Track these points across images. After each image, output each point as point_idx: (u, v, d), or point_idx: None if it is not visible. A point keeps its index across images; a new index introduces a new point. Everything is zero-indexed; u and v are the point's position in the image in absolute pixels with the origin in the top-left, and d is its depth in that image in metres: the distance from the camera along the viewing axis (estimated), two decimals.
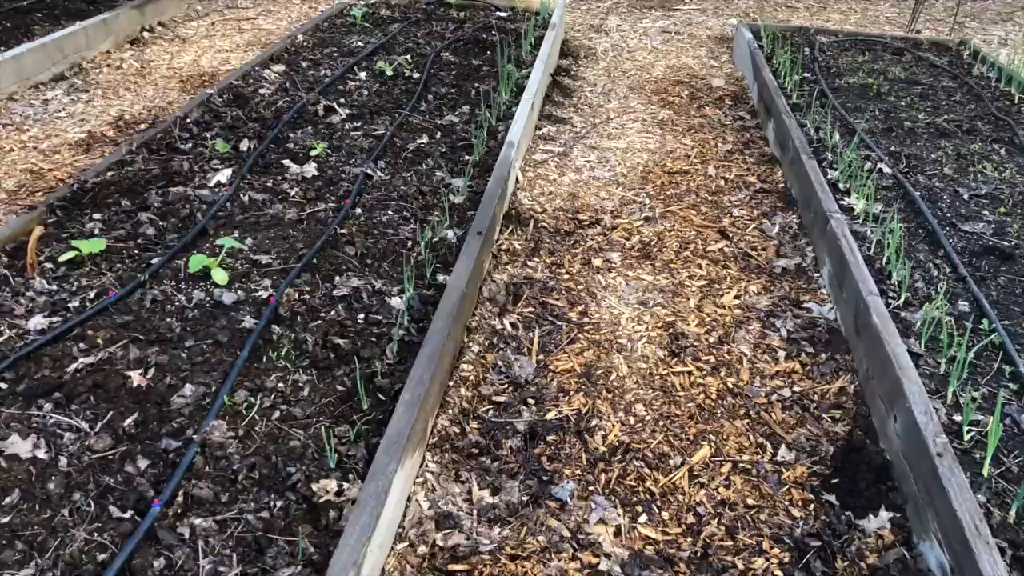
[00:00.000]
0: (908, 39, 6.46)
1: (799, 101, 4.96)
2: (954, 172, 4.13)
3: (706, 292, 3.41)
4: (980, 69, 5.79)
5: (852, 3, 8.57)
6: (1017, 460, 2.33)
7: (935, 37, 6.64)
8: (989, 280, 3.22)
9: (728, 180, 4.36)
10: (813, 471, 2.54)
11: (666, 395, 2.84)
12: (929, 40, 6.45)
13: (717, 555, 2.26)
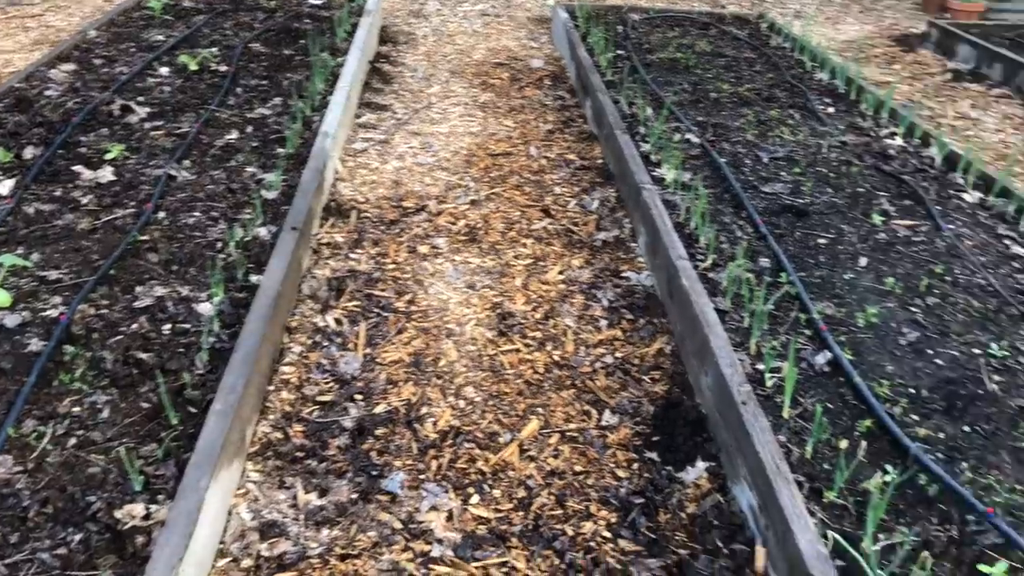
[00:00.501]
0: (714, 14, 6.80)
1: (613, 78, 5.10)
2: (755, 138, 4.37)
3: (532, 270, 3.45)
4: (777, 40, 6.17)
5: None
6: (812, 400, 2.50)
7: (738, 11, 7.02)
8: (787, 236, 3.43)
9: (550, 159, 4.44)
10: (636, 431, 2.63)
11: (495, 375, 2.86)
12: (732, 14, 6.81)
13: (548, 525, 2.30)
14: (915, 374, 2.63)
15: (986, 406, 2.48)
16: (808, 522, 1.99)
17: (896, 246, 3.37)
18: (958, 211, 3.69)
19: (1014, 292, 3.08)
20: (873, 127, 4.57)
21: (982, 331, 2.85)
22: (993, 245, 3.42)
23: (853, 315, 2.90)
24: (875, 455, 2.31)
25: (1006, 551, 2.01)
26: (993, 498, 2.16)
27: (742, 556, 2.17)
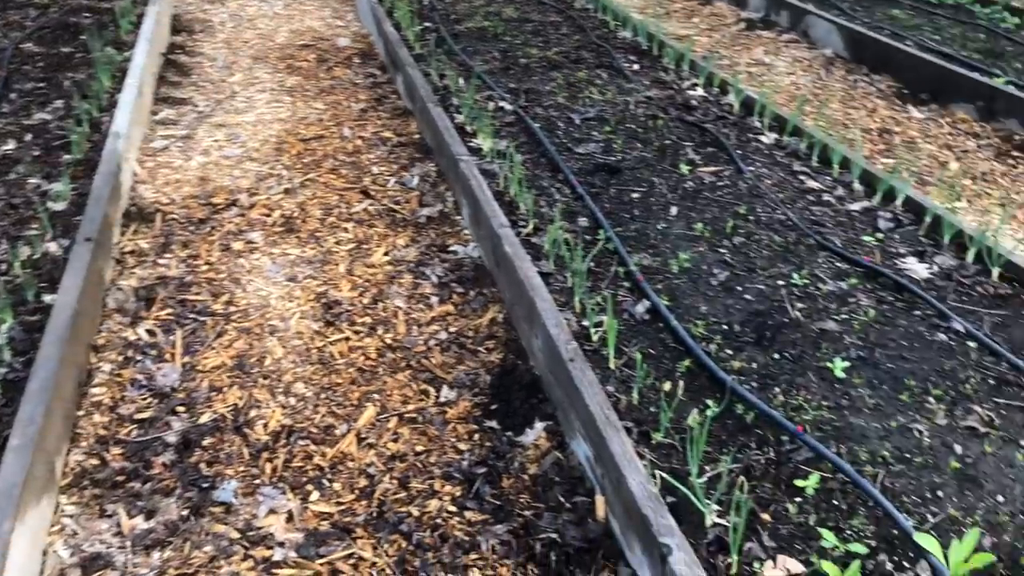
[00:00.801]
0: None
1: (422, 51, 5.05)
2: (566, 100, 4.46)
3: (355, 255, 3.38)
4: (581, 2, 6.29)
5: None
6: (636, 348, 2.59)
7: None
8: (603, 194, 3.53)
9: (365, 139, 4.34)
10: (475, 403, 2.63)
11: (325, 367, 2.78)
12: None
13: (392, 509, 2.27)
14: (727, 311, 2.77)
15: (791, 332, 2.65)
16: (638, 465, 2.06)
17: (703, 192, 3.53)
18: (757, 153, 3.91)
19: (810, 224, 3.31)
20: (676, 80, 4.77)
21: (784, 263, 3.04)
22: (790, 182, 3.65)
23: (667, 263, 3.02)
24: (697, 392, 2.42)
25: (818, 463, 2.17)
26: (803, 416, 2.32)
27: (584, 507, 2.23)
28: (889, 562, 1.92)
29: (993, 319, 2.74)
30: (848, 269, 2.99)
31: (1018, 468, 2.17)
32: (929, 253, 3.09)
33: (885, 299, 2.83)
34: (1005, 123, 4.59)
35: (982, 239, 2.96)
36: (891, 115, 4.82)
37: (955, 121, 4.75)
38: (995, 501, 2.08)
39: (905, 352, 2.57)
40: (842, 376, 2.47)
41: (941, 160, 4.30)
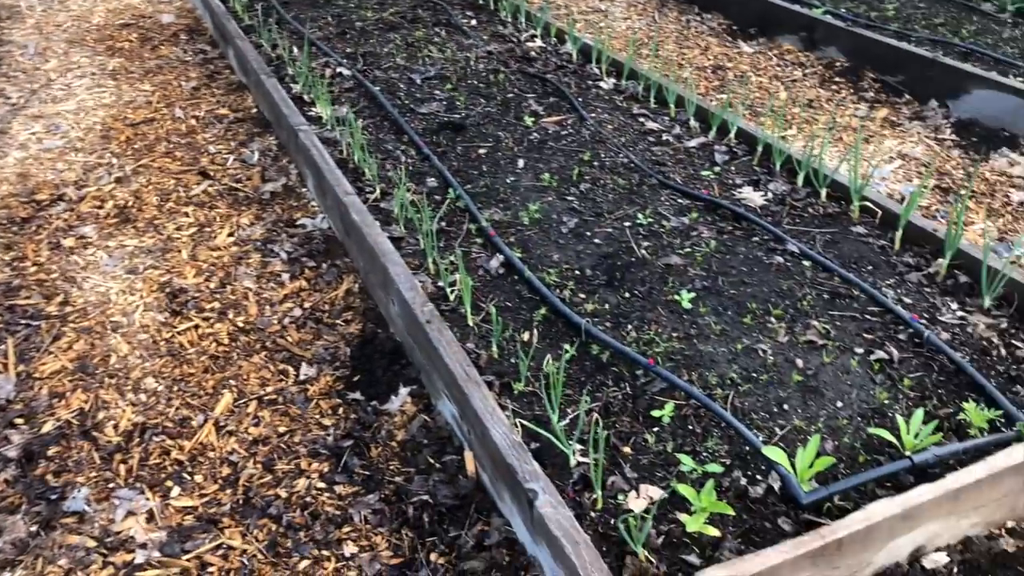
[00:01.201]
0: None
1: (252, 22, 4.84)
2: (406, 61, 4.38)
3: (198, 239, 3.23)
4: None
5: None
6: (494, 301, 2.61)
7: None
8: (449, 152, 3.50)
9: (199, 118, 4.14)
10: (337, 376, 2.59)
11: (175, 358, 2.66)
12: None
13: (259, 494, 2.21)
14: (578, 257, 2.82)
15: (639, 271, 2.73)
16: (501, 416, 2.08)
17: (548, 143, 3.56)
18: (597, 99, 3.98)
19: (652, 164, 3.40)
20: (514, 32, 4.77)
21: (630, 205, 3.11)
22: (630, 125, 3.73)
23: (518, 215, 3.04)
24: (555, 338, 2.46)
25: (672, 393, 2.25)
26: (655, 349, 2.40)
27: (454, 465, 2.24)
28: (744, 477, 2.02)
29: (824, 237, 2.91)
30: (689, 204, 3.10)
31: (853, 374, 2.32)
32: (763, 181, 3.24)
33: (725, 229, 2.95)
34: (826, 51, 4.85)
35: (809, 162, 3.13)
36: (723, 51, 4.99)
37: (782, 53, 4.97)
38: (835, 407, 2.22)
39: (746, 277, 2.69)
40: (689, 307, 2.56)
41: (771, 91, 4.50)
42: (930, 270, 2.72)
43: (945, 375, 2.32)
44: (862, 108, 4.28)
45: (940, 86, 4.22)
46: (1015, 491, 2.00)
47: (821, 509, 1.92)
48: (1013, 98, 3.90)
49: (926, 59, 4.27)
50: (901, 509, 1.83)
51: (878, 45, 4.54)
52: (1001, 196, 3.49)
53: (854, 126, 4.10)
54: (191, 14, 5.54)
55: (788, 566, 1.73)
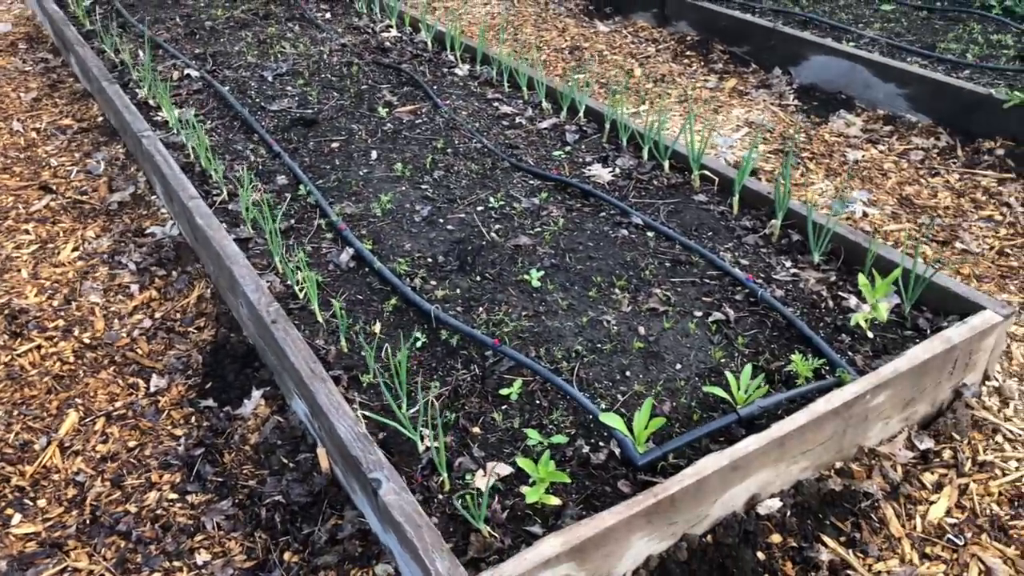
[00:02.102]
0: None
1: (94, 27, 4.64)
2: (257, 58, 4.29)
3: (39, 256, 3.10)
4: None
5: None
6: (344, 295, 2.60)
7: None
8: (301, 148, 3.46)
9: (40, 130, 3.96)
10: (189, 385, 2.54)
11: (15, 381, 2.56)
12: None
13: (107, 512, 2.15)
14: (431, 244, 2.84)
15: (490, 253, 2.77)
16: (346, 410, 2.08)
17: (402, 132, 3.56)
18: (453, 86, 3.99)
19: (505, 147, 3.44)
20: (369, 24, 4.73)
21: (482, 189, 3.15)
22: (485, 110, 3.77)
23: (370, 207, 3.03)
24: (407, 326, 2.47)
25: (520, 370, 2.30)
26: (503, 329, 2.44)
27: (307, 464, 2.23)
28: (587, 445, 2.09)
29: (668, 207, 3.01)
30: (540, 185, 3.15)
31: (692, 336, 2.42)
32: (611, 157, 3.32)
33: (574, 207, 3.01)
34: (678, 26, 4.99)
35: (651, 135, 3.22)
36: (580, 32, 5.08)
37: (637, 30, 5.09)
38: (674, 370, 2.31)
39: (592, 252, 2.76)
40: (538, 285, 2.61)
41: (626, 68, 4.61)
42: (766, 231, 2.86)
43: (778, 330, 2.44)
44: (712, 80, 4.43)
45: (782, 55, 4.41)
46: (839, 433, 2.13)
47: (657, 469, 2.00)
48: (846, 62, 4.11)
49: (767, 28, 4.45)
50: (729, 461, 1.93)
51: (724, 17, 4.71)
52: (839, 156, 3.68)
53: (705, 98, 4.25)
54: (30, 22, 5.28)
55: (623, 526, 1.80)
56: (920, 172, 3.51)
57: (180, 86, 3.99)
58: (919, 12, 4.89)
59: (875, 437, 2.24)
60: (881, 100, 4.00)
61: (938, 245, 3.08)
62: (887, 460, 2.21)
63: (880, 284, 2.34)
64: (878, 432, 2.24)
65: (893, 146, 3.71)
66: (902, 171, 3.52)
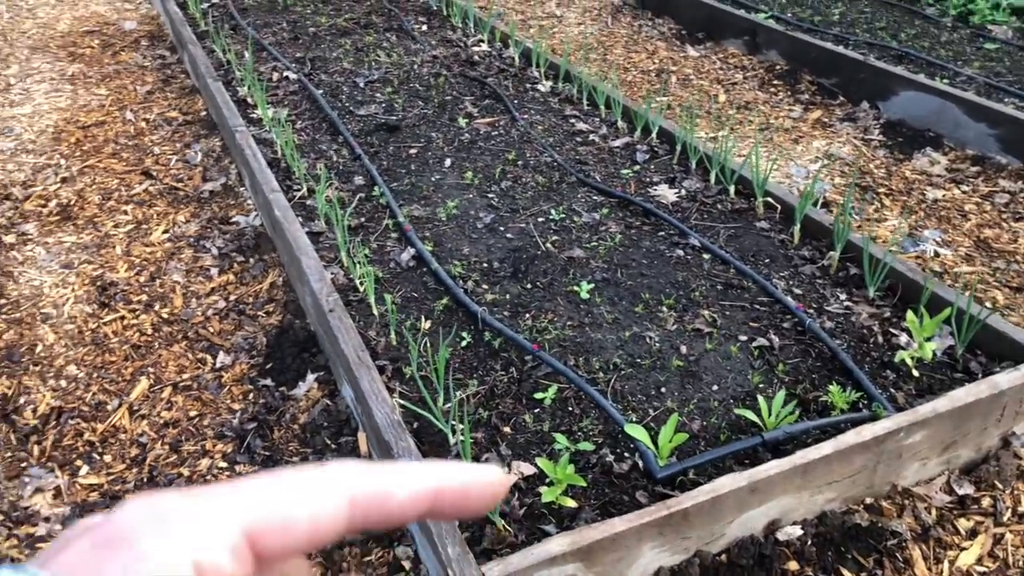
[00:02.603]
0: None
1: (208, 28, 4.97)
2: (353, 65, 4.51)
3: (134, 236, 3.35)
4: None
5: None
6: (400, 292, 2.72)
7: None
8: (381, 152, 3.62)
9: (149, 120, 4.27)
10: (251, 364, 2.71)
11: (98, 347, 2.79)
12: None
13: (163, 472, 2.33)
14: (488, 250, 2.94)
15: (543, 263, 2.85)
16: (385, 397, 2.19)
17: (478, 143, 3.68)
18: (533, 101, 4.10)
19: (575, 163, 3.52)
20: (462, 38, 4.89)
21: (546, 201, 3.23)
22: (560, 126, 3.86)
23: (436, 211, 3.16)
24: (455, 326, 2.58)
25: (556, 377, 2.36)
26: (546, 336, 2.51)
27: (348, 446, 2.35)
28: (611, 454, 2.13)
29: (728, 231, 3.03)
30: (603, 201, 3.22)
31: (732, 360, 2.44)
32: (679, 178, 3.36)
33: (633, 224, 3.06)
34: (768, 55, 4.97)
35: (719, 159, 3.24)
36: (669, 55, 5.12)
37: (727, 56, 5.09)
38: (710, 391, 2.34)
39: (644, 269, 2.81)
40: (586, 297, 2.68)
41: (712, 93, 4.62)
42: (824, 262, 2.84)
43: (821, 361, 2.43)
44: (796, 110, 4.40)
45: (871, 88, 4.34)
46: (869, 468, 2.11)
47: (675, 483, 2.03)
48: (937, 99, 4.01)
49: (858, 61, 4.39)
50: (748, 482, 1.94)
51: (815, 48, 4.66)
52: (917, 194, 3.60)
53: (786, 127, 4.22)
54: (154, 21, 5.68)
55: (633, 534, 1.84)
56: (1003, 215, 3.40)
57: (278, 87, 4.23)
58: None
59: (911, 477, 2.20)
60: (971, 140, 3.89)
61: (1011, 291, 2.98)
62: (921, 501, 2.17)
63: (928, 323, 2.30)
64: (914, 472, 2.20)
65: (978, 187, 3.60)
66: (983, 213, 3.43)
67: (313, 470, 0.38)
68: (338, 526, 0.37)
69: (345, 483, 0.38)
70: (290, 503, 0.37)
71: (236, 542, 0.35)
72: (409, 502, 0.39)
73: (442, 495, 0.40)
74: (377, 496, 0.39)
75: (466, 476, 0.41)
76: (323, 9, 5.36)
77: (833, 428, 2.13)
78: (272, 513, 0.36)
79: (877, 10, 5.48)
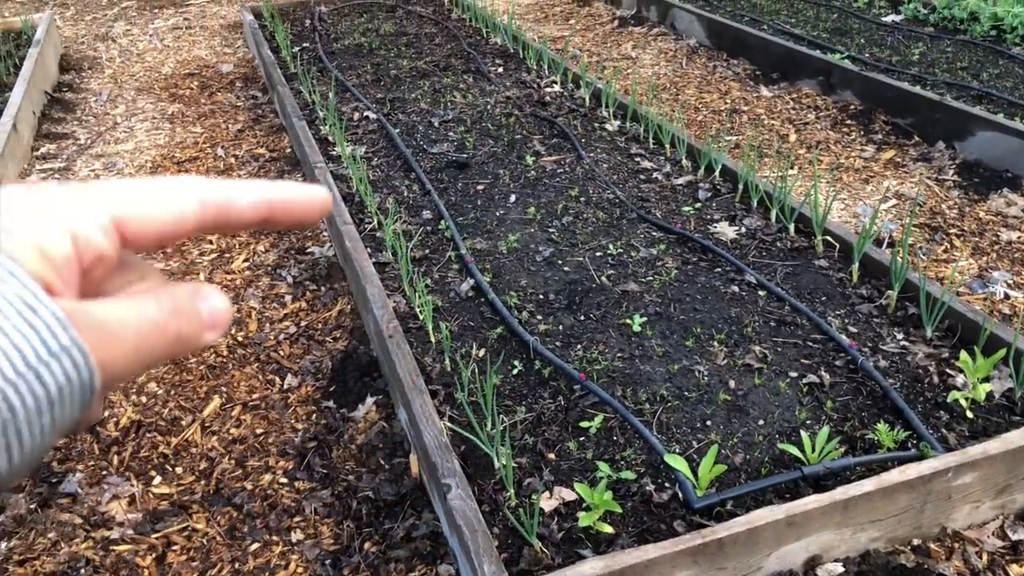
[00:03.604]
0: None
1: (296, 70, 5.27)
2: (429, 105, 4.71)
3: (217, 264, 3.58)
4: (457, 13, 6.57)
5: None
6: (457, 321, 2.83)
7: None
8: (450, 188, 3.77)
9: (238, 157, 4.55)
10: (316, 387, 2.85)
11: (178, 366, 2.98)
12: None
13: (228, 486, 2.47)
14: (545, 283, 3.02)
15: (597, 296, 2.91)
16: (434, 420, 2.29)
17: (543, 180, 3.79)
18: (600, 140, 4.19)
19: (637, 200, 3.58)
20: (535, 79, 5.05)
21: (605, 237, 3.30)
22: (625, 164, 3.93)
23: (498, 245, 3.27)
24: (508, 354, 2.66)
25: (603, 407, 2.42)
26: (596, 367, 2.57)
27: (400, 467, 2.45)
28: (652, 484, 2.17)
29: (786, 269, 3.03)
30: (661, 237, 3.27)
31: (781, 396, 2.44)
32: (739, 216, 3.38)
33: (690, 260, 3.10)
34: (842, 95, 4.94)
35: (780, 197, 3.26)
36: (742, 96, 5.14)
37: (800, 96, 5.09)
38: (755, 425, 2.35)
39: (698, 304, 2.84)
40: (638, 330, 2.73)
41: (782, 133, 4.62)
42: (882, 301, 2.81)
43: (872, 399, 2.41)
44: (869, 149, 4.36)
45: (948, 128, 4.26)
46: (915, 508, 2.08)
47: (712, 513, 2.05)
48: (1016, 140, 3.92)
49: (934, 101, 4.33)
50: (785, 515, 1.95)
51: (891, 88, 4.62)
52: (991, 235, 3.52)
53: (857, 167, 4.19)
54: (249, 64, 6.04)
55: (666, 561, 1.87)
56: None
57: (359, 126, 4.45)
58: None
59: (961, 520, 2.16)
60: None
61: None
62: (972, 545, 2.12)
63: (982, 363, 2.26)
64: (965, 515, 2.16)
65: None
66: None
67: (168, 179, 0.46)
68: (189, 223, 0.45)
69: (196, 190, 0.46)
70: (151, 199, 0.44)
71: (106, 223, 0.42)
72: (248, 208, 0.47)
73: (273, 206, 0.48)
74: (222, 202, 0.46)
75: (294, 192, 0.50)
76: (406, 52, 5.61)
77: (878, 465, 2.12)
78: (136, 205, 0.43)
79: (960, 50, 5.38)
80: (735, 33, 5.81)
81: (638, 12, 6.85)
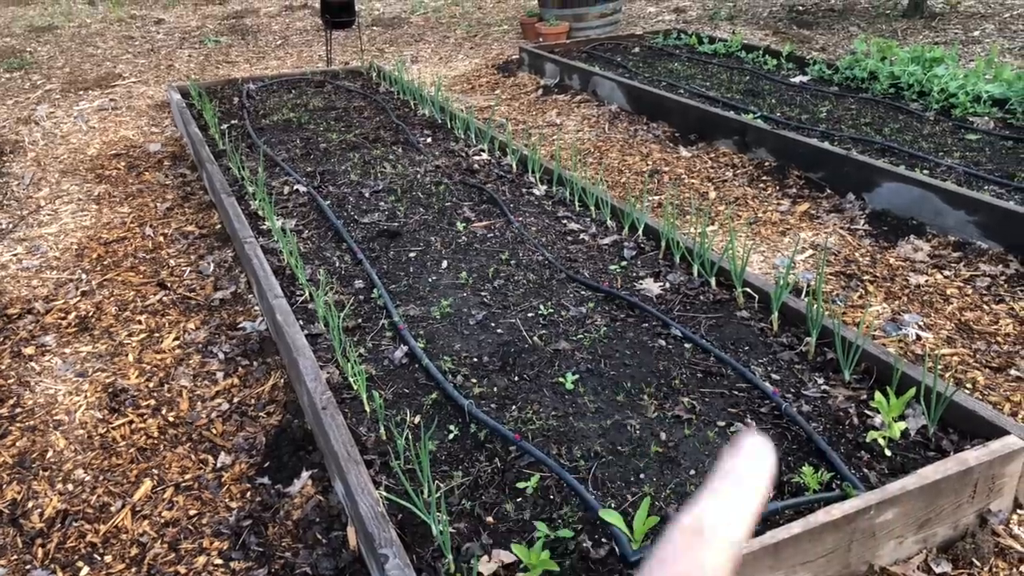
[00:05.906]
0: (328, 72, 7.22)
1: (225, 147, 5.29)
2: (360, 176, 4.77)
3: (146, 344, 3.53)
4: (385, 86, 6.70)
5: (289, 48, 9.27)
6: (392, 389, 2.84)
7: (350, 66, 7.51)
8: (382, 256, 3.81)
9: (167, 235, 4.52)
10: (251, 464, 2.81)
11: (106, 451, 2.91)
12: (345, 69, 7.27)
13: (161, 571, 2.41)
14: (479, 346, 3.06)
15: (530, 356, 2.96)
16: (370, 491, 2.28)
17: (474, 245, 3.86)
18: (528, 204, 4.30)
19: (565, 261, 3.67)
20: (464, 148, 5.16)
21: (536, 298, 3.37)
22: (553, 226, 4.03)
23: (430, 310, 3.31)
24: (443, 419, 2.68)
25: (539, 466, 2.44)
26: (530, 427, 2.60)
27: (338, 540, 2.43)
28: (588, 540, 2.19)
29: (710, 321, 3.13)
30: (590, 296, 3.35)
31: (710, 445, 2.50)
32: (664, 272, 3.49)
33: (618, 317, 3.18)
34: (757, 152, 5.17)
35: (700, 253, 3.38)
36: (663, 157, 5.34)
37: (718, 155, 5.30)
38: (687, 475, 2.40)
39: (627, 360, 2.91)
40: (571, 388, 2.78)
41: (702, 191, 4.80)
42: (802, 348, 2.92)
43: (797, 444, 2.49)
44: (784, 203, 4.56)
45: (856, 181, 4.49)
46: (842, 548, 2.14)
47: None
48: (918, 189, 4.16)
49: (841, 156, 4.57)
50: None
51: (801, 145, 4.86)
52: (901, 280, 3.70)
53: (774, 220, 4.37)
54: (178, 142, 6.04)
55: None
56: (984, 298, 3.48)
57: (289, 199, 4.48)
58: (1005, 142, 4.88)
59: (887, 556, 2.23)
60: (952, 227, 4.01)
61: (991, 371, 3.04)
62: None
63: (895, 403, 2.37)
64: (891, 551, 2.23)
65: (959, 272, 3.70)
66: (965, 296, 3.51)
67: None
68: None
69: None
70: None
71: None
72: None
73: None
74: None
75: None
76: (335, 126, 5.69)
77: (805, 508, 2.18)
78: None
79: (863, 107, 5.70)
80: (654, 98, 6.05)
81: (561, 81, 7.09)
